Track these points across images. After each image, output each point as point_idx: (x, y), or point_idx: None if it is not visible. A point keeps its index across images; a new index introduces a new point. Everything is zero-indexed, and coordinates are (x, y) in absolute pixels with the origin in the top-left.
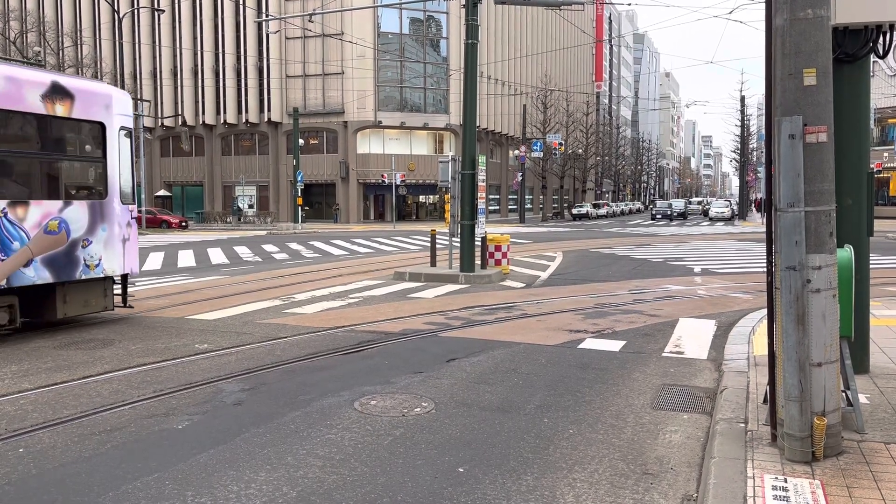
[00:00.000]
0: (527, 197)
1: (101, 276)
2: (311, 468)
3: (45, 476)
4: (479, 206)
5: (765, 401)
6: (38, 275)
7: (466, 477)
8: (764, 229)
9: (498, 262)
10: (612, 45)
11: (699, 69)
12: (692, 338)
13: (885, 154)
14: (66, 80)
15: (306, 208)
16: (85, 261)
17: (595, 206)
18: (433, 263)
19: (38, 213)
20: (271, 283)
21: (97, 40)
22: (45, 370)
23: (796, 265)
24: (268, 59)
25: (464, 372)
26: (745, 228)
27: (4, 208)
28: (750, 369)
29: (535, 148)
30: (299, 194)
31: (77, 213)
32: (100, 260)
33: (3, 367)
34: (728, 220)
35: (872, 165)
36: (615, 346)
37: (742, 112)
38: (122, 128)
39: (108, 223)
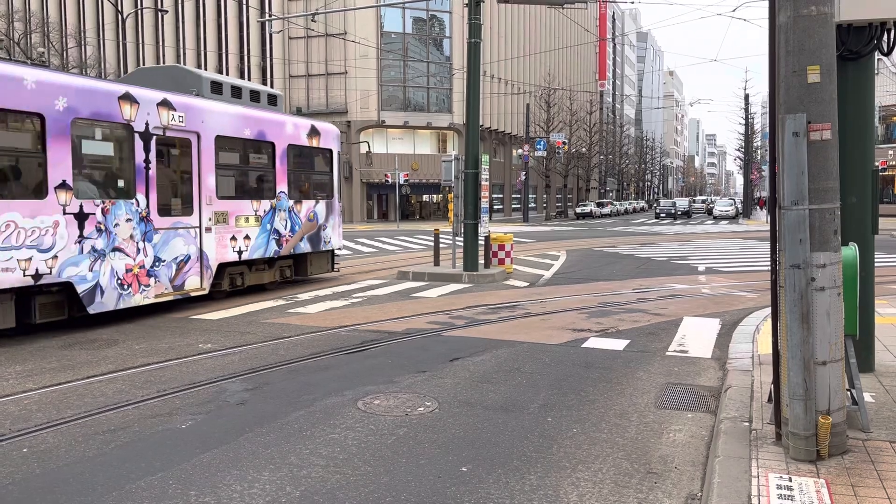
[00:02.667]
0: (530, 196)
1: (329, 249)
2: (315, 468)
3: (49, 476)
4: (482, 206)
5: (769, 399)
6: (304, 247)
7: (470, 476)
8: (768, 228)
9: (501, 262)
10: (615, 44)
11: (703, 67)
12: (696, 336)
13: (890, 152)
14: (317, 123)
15: None
16: (323, 239)
17: (599, 204)
18: (436, 263)
19: (305, 208)
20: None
21: (101, 41)
22: (49, 370)
23: (801, 263)
24: (271, 59)
25: (467, 371)
26: (749, 227)
27: (292, 205)
28: (754, 368)
29: (538, 147)
30: None
31: (321, 208)
32: (329, 238)
33: (7, 367)
34: (732, 218)
35: (877, 163)
36: (619, 344)
37: (746, 110)
38: (339, 152)
39: (333, 215)
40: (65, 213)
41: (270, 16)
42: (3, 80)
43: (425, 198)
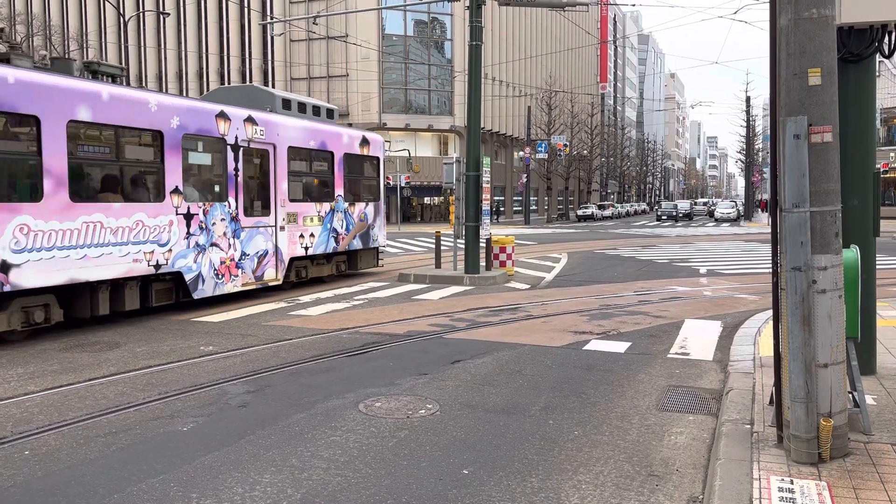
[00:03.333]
0: (531, 198)
1: (376, 246)
2: (316, 470)
3: (51, 478)
4: (483, 208)
5: (771, 402)
6: (356, 244)
7: (471, 479)
8: (770, 230)
9: (503, 264)
10: (616, 46)
11: (704, 70)
12: (698, 339)
13: (892, 154)
14: (367, 133)
15: None
16: (371, 237)
17: (600, 207)
18: (438, 265)
19: (357, 209)
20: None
21: (103, 44)
22: (50, 372)
23: (802, 266)
24: (272, 62)
25: (469, 374)
26: (750, 229)
27: (347, 207)
28: (756, 370)
29: (539, 149)
30: None
31: (370, 210)
32: (376, 237)
33: (9, 369)
34: (734, 220)
35: (878, 165)
36: (620, 347)
37: (747, 112)
38: (383, 159)
39: (378, 215)
40: (177, 214)
41: (272, 18)
42: (135, 103)
43: (426, 200)
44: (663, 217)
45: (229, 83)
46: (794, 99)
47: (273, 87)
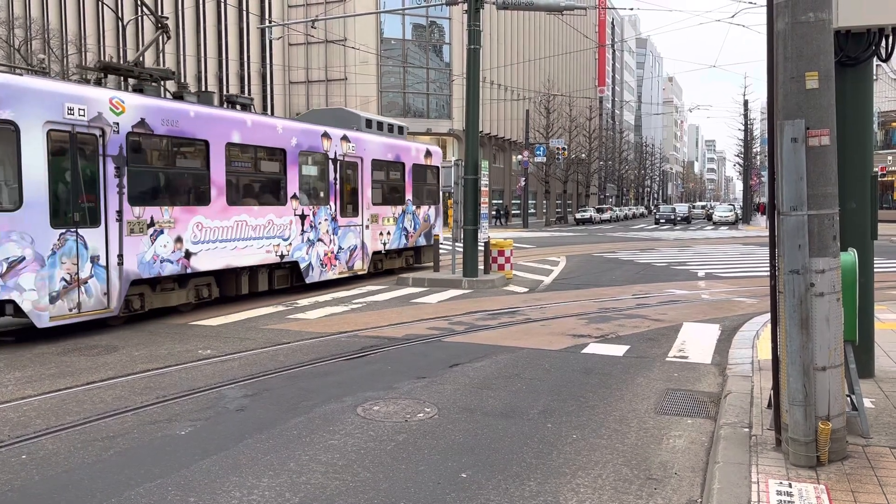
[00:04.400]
0: (530, 202)
1: (434, 243)
2: (314, 474)
3: (48, 482)
4: (481, 211)
5: (769, 405)
6: (421, 241)
7: (469, 482)
8: (768, 233)
9: (501, 267)
10: (614, 50)
11: (702, 73)
12: (696, 342)
13: (889, 157)
14: (430, 146)
15: None
16: (432, 235)
17: (598, 210)
18: (436, 268)
19: (422, 211)
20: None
21: (101, 48)
22: (48, 376)
23: (800, 269)
24: (271, 66)
25: (467, 377)
26: (749, 232)
27: (414, 209)
28: (754, 374)
29: (538, 153)
30: None
31: (431, 212)
32: (436, 236)
33: (6, 373)
34: (732, 224)
35: (876, 169)
36: (619, 350)
37: (745, 116)
38: (442, 168)
39: (438, 217)
40: (294, 215)
41: (270, 22)
42: (267, 127)
43: None
44: (661, 220)
45: (228, 87)
46: (791, 102)
47: (272, 90)
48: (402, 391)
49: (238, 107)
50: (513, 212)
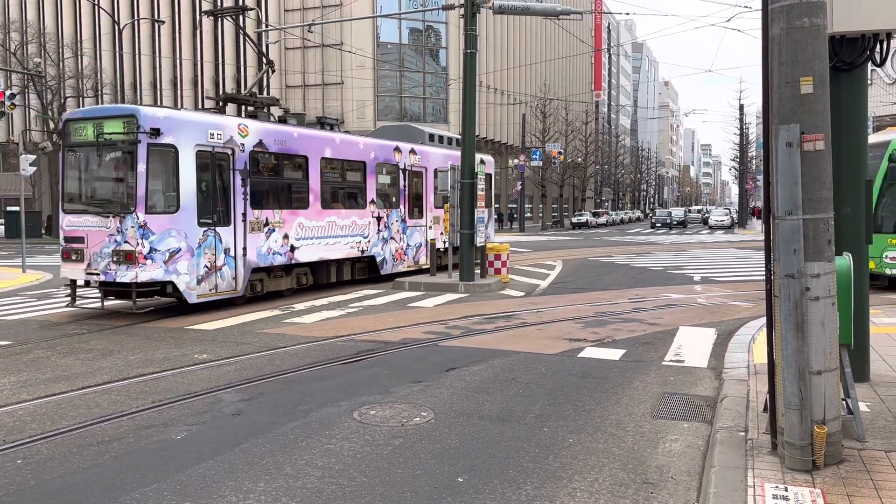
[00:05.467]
0: (526, 206)
1: (485, 243)
2: (310, 478)
3: (43, 487)
4: (478, 215)
5: (765, 409)
6: (479, 241)
7: (466, 487)
8: (763, 237)
9: (497, 271)
10: (610, 55)
11: (698, 78)
12: (692, 346)
13: None
14: (483, 156)
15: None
16: (485, 235)
17: (595, 214)
18: (432, 272)
19: (482, 214)
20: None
21: (97, 51)
22: (43, 381)
23: (795, 273)
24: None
25: (463, 381)
26: (744, 237)
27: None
28: (750, 378)
29: (534, 157)
30: None
31: (483, 214)
32: (488, 235)
33: (1, 377)
34: (728, 228)
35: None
36: (615, 354)
37: (741, 120)
38: (493, 175)
39: (490, 220)
40: (372, 217)
41: (267, 26)
42: (352, 143)
43: None
44: (657, 224)
45: (224, 91)
46: (786, 107)
47: (268, 94)
48: (398, 395)
49: (328, 126)
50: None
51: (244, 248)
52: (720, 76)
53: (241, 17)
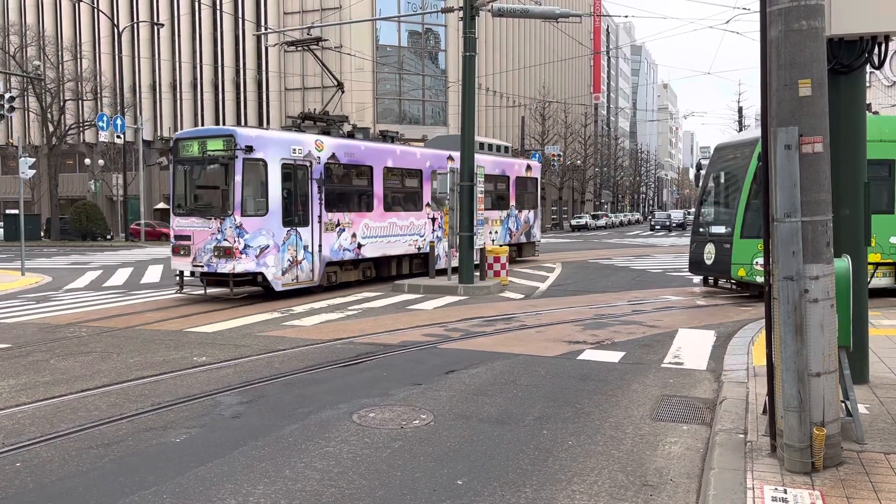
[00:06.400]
0: None
1: (534, 241)
2: (310, 481)
3: (43, 490)
4: (477, 218)
5: (764, 411)
6: (522, 239)
7: (465, 489)
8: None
9: (497, 274)
10: (609, 57)
11: (697, 80)
12: (691, 348)
13: None
14: (530, 161)
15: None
16: (532, 235)
17: (594, 217)
18: (432, 275)
19: (523, 215)
20: (270, 295)
21: (97, 54)
22: (42, 384)
23: (794, 275)
24: (267, 72)
25: (463, 384)
26: None
27: (517, 213)
28: (749, 380)
29: (533, 159)
30: None
31: (531, 214)
32: (535, 235)
33: (1, 381)
34: None
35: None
36: (614, 357)
37: (740, 123)
38: (539, 178)
39: (537, 219)
40: (427, 218)
41: (266, 29)
42: (410, 154)
43: None
44: (657, 227)
45: (223, 94)
46: (785, 110)
47: (267, 97)
48: (397, 398)
49: (389, 139)
50: None
51: (319, 245)
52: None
53: (314, 45)
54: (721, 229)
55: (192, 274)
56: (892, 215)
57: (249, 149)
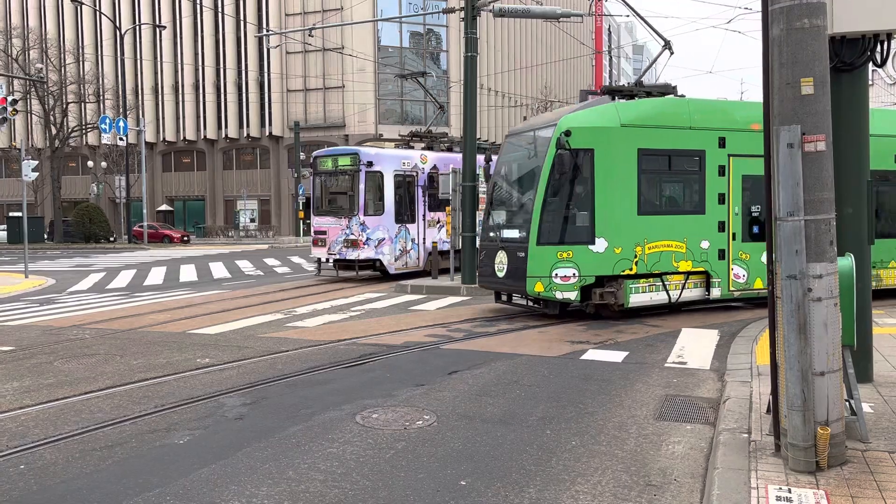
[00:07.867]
0: None
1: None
2: (313, 482)
3: (47, 492)
4: (480, 219)
5: (768, 411)
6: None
7: (469, 490)
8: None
9: None
10: (611, 57)
11: (699, 79)
12: (695, 348)
13: None
14: None
15: (308, 222)
16: None
17: None
18: (434, 276)
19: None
20: (273, 297)
21: (99, 56)
22: (46, 386)
23: (797, 274)
24: (269, 74)
25: (466, 384)
26: None
27: None
28: (753, 379)
29: None
30: (301, 208)
31: None
32: None
33: (4, 383)
34: None
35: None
36: (618, 356)
37: None
38: None
39: None
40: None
41: (268, 31)
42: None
43: None
44: None
45: (226, 95)
46: (787, 108)
47: (269, 99)
48: (400, 399)
49: (456, 148)
50: None
51: (423, 238)
52: (721, 78)
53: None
54: (514, 234)
55: (327, 261)
56: (704, 216)
57: (370, 164)
